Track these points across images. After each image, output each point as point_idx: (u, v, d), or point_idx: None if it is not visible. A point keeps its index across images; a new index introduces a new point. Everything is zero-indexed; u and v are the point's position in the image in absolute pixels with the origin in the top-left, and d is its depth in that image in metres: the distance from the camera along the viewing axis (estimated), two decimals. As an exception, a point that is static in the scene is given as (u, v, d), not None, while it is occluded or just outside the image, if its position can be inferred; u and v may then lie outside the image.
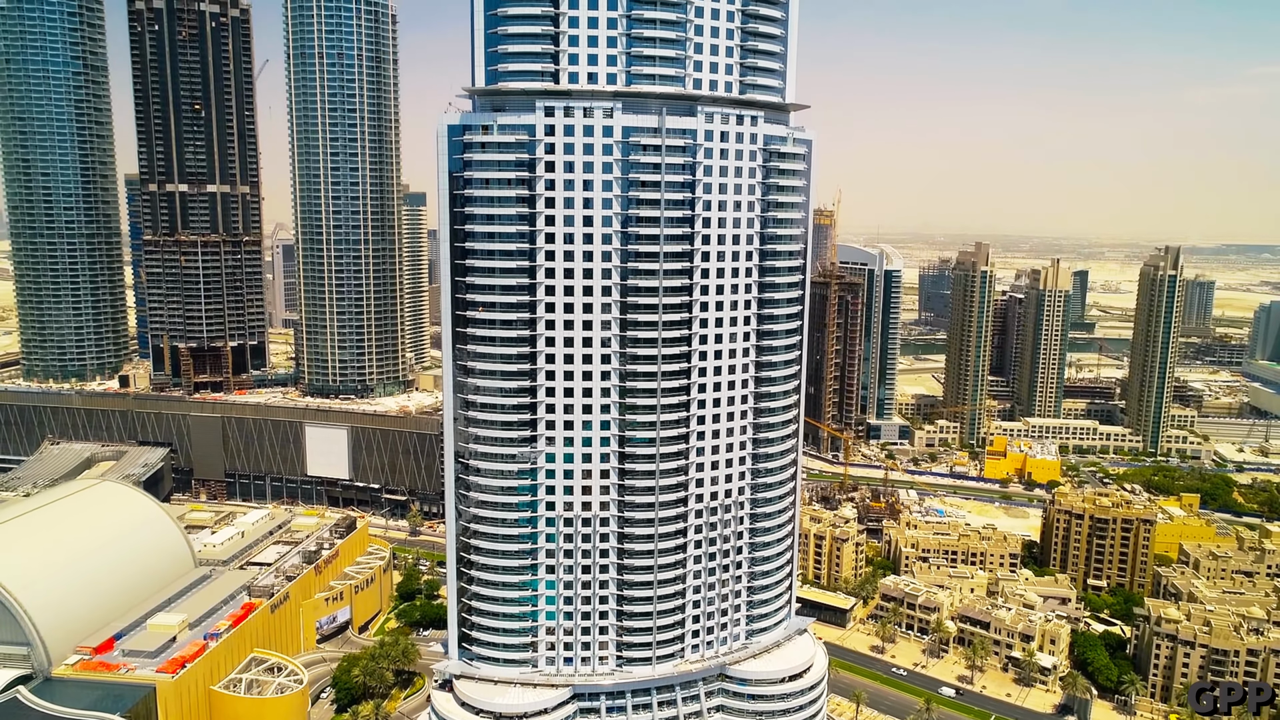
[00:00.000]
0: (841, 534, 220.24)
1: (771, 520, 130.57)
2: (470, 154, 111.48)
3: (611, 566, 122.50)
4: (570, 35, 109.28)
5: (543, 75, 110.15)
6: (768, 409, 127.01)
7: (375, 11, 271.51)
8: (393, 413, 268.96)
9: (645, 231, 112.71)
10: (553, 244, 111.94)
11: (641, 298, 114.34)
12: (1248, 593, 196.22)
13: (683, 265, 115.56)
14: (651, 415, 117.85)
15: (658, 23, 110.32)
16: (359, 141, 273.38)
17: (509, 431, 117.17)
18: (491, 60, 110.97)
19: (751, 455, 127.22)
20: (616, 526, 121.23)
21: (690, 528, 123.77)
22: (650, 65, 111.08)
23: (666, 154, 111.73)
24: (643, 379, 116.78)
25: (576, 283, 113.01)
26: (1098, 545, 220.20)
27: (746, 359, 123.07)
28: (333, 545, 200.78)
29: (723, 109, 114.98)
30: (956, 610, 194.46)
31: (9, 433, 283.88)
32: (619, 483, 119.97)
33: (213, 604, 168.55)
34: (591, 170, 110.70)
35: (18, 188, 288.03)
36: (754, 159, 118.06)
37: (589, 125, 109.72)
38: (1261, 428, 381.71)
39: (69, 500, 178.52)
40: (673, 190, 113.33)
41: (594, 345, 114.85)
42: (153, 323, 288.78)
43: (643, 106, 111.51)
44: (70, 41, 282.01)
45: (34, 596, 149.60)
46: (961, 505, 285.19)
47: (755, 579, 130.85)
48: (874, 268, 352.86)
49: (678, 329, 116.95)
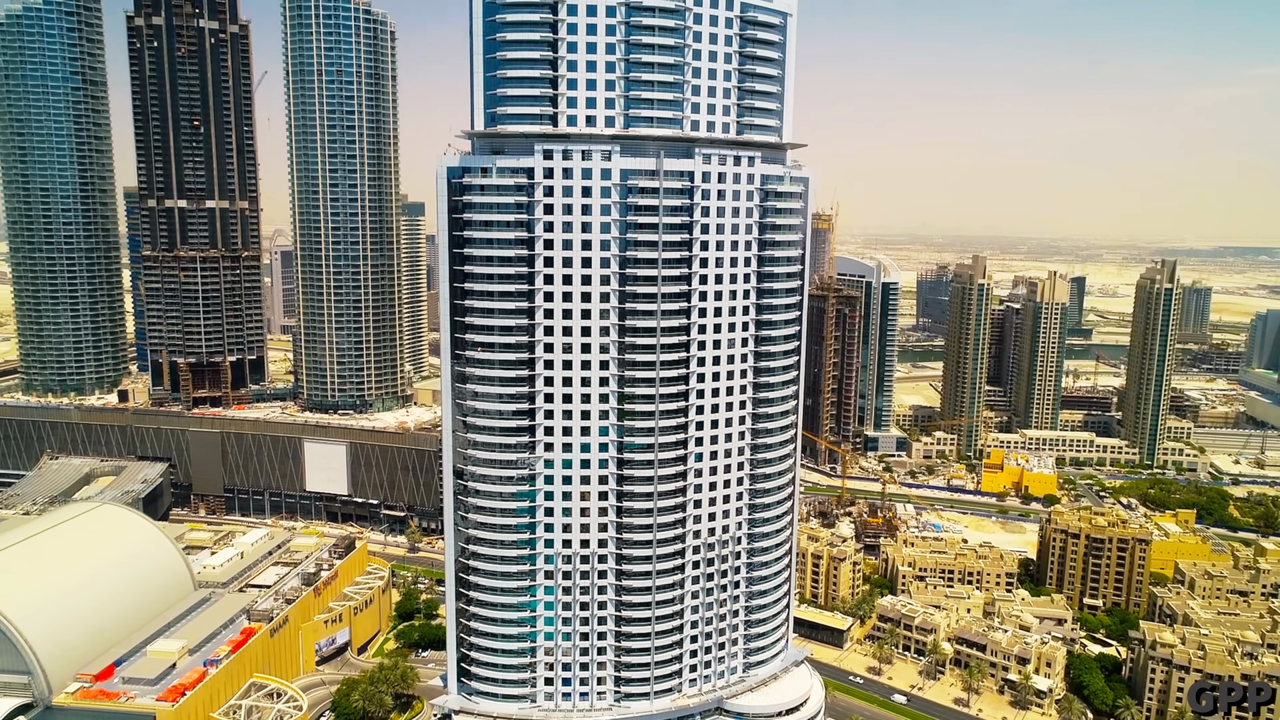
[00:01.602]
0: (839, 554, 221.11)
1: (769, 554, 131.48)
2: (470, 196, 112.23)
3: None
4: (569, 79, 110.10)
5: (541, 118, 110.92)
6: (764, 444, 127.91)
7: (374, 28, 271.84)
8: (391, 429, 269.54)
9: (643, 273, 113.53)
10: (551, 284, 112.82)
11: (639, 338, 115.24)
12: (1242, 613, 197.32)
13: (680, 305, 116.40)
14: (649, 460, 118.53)
15: (655, 66, 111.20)
16: (358, 159, 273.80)
17: (506, 461, 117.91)
18: (490, 103, 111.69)
19: (750, 490, 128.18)
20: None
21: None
22: (648, 108, 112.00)
23: (664, 196, 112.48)
24: (640, 418, 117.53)
25: (575, 323, 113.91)
26: (1094, 564, 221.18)
27: (744, 396, 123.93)
28: (332, 566, 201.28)
29: (720, 150, 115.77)
30: (953, 631, 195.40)
31: (8, 447, 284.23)
32: (617, 520, 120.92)
33: (212, 629, 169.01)
34: (590, 212, 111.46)
35: (17, 202, 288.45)
36: (751, 199, 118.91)
37: (587, 168, 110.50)
38: (1258, 438, 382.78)
39: (68, 525, 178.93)
40: (671, 231, 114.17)
41: (592, 385, 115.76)
42: (152, 337, 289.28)
43: (641, 149, 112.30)
44: (70, 57, 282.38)
45: (34, 625, 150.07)
46: (958, 520, 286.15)
47: (752, 612, 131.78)
48: (871, 280, 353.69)
49: (675, 368, 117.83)
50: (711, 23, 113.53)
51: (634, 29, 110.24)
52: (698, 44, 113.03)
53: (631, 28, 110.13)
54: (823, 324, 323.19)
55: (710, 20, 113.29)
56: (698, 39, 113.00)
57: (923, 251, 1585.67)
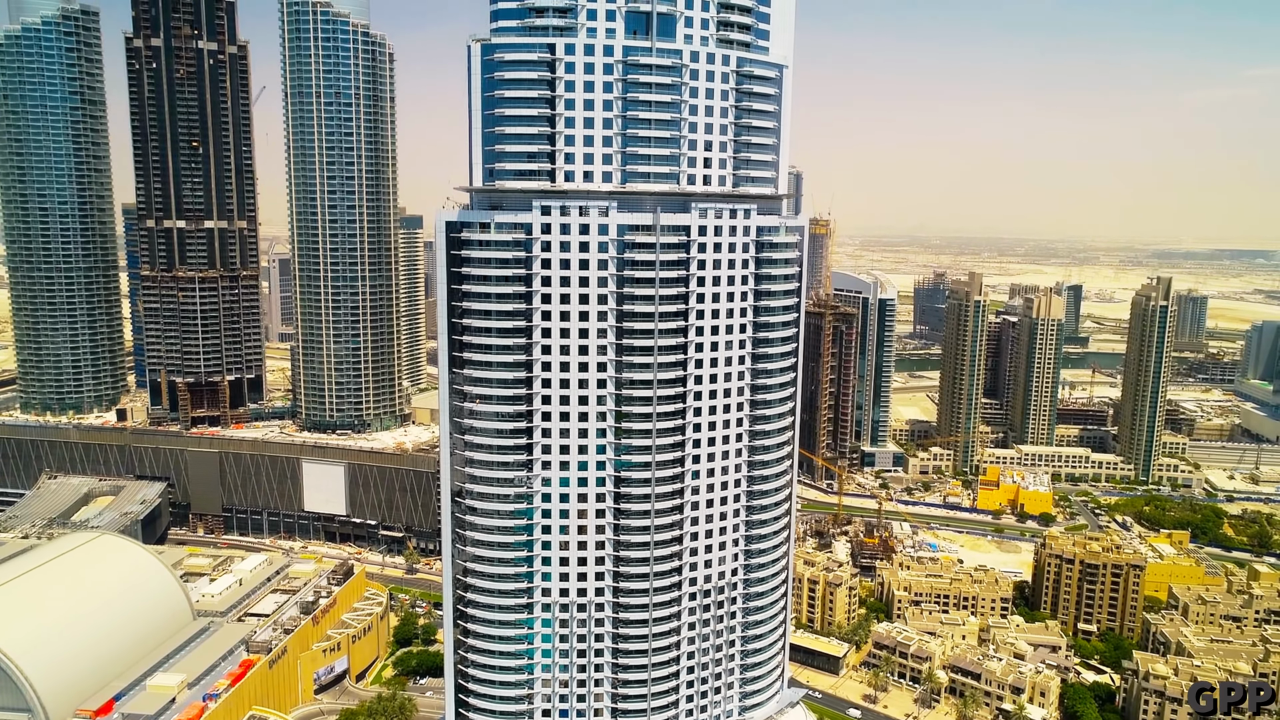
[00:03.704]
0: (835, 579, 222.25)
1: (764, 599, 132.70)
2: (469, 250, 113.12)
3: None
4: (567, 135, 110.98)
5: (539, 175, 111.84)
6: (760, 491, 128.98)
7: (373, 50, 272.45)
8: (389, 450, 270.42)
9: (640, 326, 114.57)
10: (549, 339, 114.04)
11: (636, 390, 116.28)
12: (1235, 640, 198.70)
13: (677, 357, 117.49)
14: (645, 510, 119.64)
15: (652, 122, 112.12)
16: (356, 181, 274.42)
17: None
18: (489, 158, 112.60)
19: (745, 522, 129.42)
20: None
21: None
22: (645, 164, 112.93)
23: (661, 251, 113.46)
24: (637, 468, 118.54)
25: (572, 376, 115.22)
26: (1088, 590, 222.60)
27: (739, 446, 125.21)
28: (330, 593, 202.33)
29: (716, 204, 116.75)
30: (948, 659, 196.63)
31: (7, 466, 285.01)
32: (614, 569, 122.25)
33: (211, 661, 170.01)
34: (587, 266, 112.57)
35: (16, 221, 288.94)
36: (746, 250, 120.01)
37: (585, 224, 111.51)
38: (1253, 452, 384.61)
39: (67, 557, 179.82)
40: (667, 285, 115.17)
41: (589, 435, 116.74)
42: (150, 357, 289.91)
43: (637, 204, 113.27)
44: (69, 77, 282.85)
45: (34, 661, 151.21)
46: (954, 540, 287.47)
47: (748, 656, 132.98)
48: (868, 295, 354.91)
49: (671, 419, 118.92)
50: (708, 78, 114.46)
51: (631, 86, 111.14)
52: (694, 99, 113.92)
53: (629, 85, 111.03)
54: (819, 341, 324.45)
55: (707, 76, 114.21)
56: (694, 94, 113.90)
57: (920, 254, 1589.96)
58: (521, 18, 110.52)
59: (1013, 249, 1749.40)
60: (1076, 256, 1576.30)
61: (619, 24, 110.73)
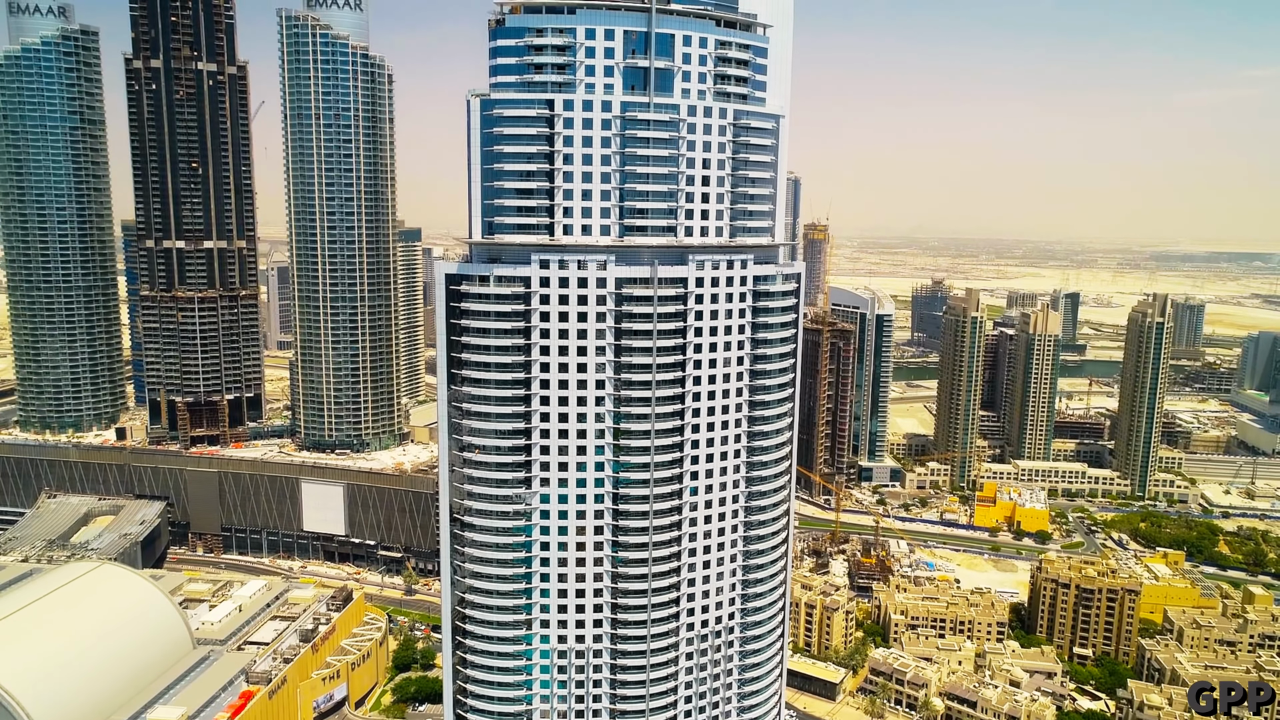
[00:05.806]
0: (832, 603, 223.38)
1: (761, 628, 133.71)
2: (468, 303, 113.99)
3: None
4: (565, 189, 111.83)
5: (538, 229, 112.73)
6: (757, 521, 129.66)
7: (372, 72, 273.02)
8: (388, 470, 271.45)
9: (638, 378, 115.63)
10: (547, 390, 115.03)
11: (634, 440, 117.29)
12: (1229, 666, 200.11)
13: (675, 407, 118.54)
14: (643, 546, 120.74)
15: (650, 177, 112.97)
16: (354, 203, 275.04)
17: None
18: (488, 211, 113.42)
19: (743, 566, 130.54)
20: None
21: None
22: (643, 217, 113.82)
23: (659, 303, 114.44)
24: (636, 500, 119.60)
25: (571, 426, 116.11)
26: (1084, 614, 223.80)
27: (737, 490, 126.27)
28: (329, 620, 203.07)
29: (713, 255, 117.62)
30: (944, 686, 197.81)
31: (6, 485, 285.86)
32: (612, 600, 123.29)
33: (211, 692, 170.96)
34: (585, 319, 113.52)
35: (15, 240, 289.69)
36: (744, 300, 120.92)
37: (583, 277, 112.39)
38: (1249, 466, 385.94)
39: (67, 589, 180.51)
40: (665, 337, 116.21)
41: (588, 469, 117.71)
42: (150, 377, 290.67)
43: (635, 257, 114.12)
44: (68, 97, 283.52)
45: (35, 696, 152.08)
46: (951, 558, 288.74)
47: (745, 685, 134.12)
48: (866, 311, 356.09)
49: (669, 468, 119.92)
50: (705, 131, 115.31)
51: (629, 141, 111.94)
52: (691, 152, 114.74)
53: (627, 140, 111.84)
54: (817, 357, 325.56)
55: (704, 129, 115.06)
56: (691, 147, 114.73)
57: (918, 256, 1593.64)
58: (521, 73, 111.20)
59: (1011, 251, 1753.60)
60: (1074, 259, 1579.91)
61: (617, 79, 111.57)
